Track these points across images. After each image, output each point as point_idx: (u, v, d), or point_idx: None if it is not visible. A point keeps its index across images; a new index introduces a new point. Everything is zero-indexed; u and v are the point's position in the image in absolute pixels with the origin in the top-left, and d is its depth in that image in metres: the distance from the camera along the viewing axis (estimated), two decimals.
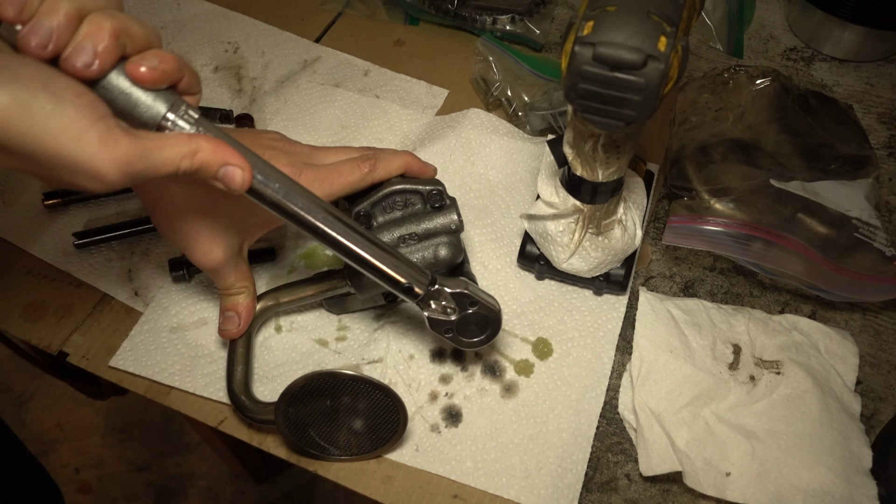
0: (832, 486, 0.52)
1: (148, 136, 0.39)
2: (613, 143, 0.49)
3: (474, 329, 0.53)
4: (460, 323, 0.52)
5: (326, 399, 0.51)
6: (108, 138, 0.36)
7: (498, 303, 0.53)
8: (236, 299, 0.56)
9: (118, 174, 0.37)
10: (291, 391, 0.50)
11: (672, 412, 0.55)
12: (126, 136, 0.37)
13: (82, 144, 0.35)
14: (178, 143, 0.39)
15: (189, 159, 0.40)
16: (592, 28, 0.40)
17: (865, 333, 0.62)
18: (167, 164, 0.39)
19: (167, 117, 0.40)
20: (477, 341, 0.53)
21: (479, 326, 0.52)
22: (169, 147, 0.39)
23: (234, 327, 0.56)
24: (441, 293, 0.51)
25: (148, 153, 0.38)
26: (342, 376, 0.50)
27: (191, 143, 0.40)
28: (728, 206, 0.62)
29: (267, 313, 0.58)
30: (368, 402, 0.51)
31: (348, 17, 0.85)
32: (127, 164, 0.37)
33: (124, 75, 0.39)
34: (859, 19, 0.76)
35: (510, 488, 0.53)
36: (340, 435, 0.53)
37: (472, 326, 0.52)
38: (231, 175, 0.41)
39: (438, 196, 0.55)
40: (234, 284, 0.55)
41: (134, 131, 0.38)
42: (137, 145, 0.37)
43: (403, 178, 0.56)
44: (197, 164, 0.40)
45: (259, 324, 0.59)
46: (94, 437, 1.53)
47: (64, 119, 0.35)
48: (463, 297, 0.51)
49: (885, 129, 0.75)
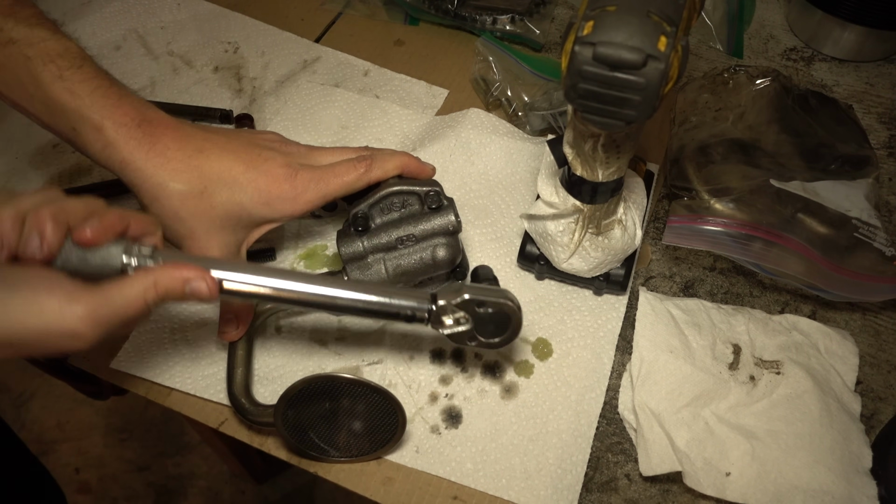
0: (832, 486, 0.52)
1: (107, 284, 0.42)
2: (613, 142, 0.49)
3: (494, 328, 0.51)
4: (478, 327, 0.51)
5: (325, 402, 0.51)
6: (69, 300, 0.40)
7: (507, 291, 0.51)
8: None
9: (90, 326, 0.40)
10: (290, 394, 0.50)
11: (672, 412, 0.55)
12: (85, 292, 0.40)
13: (46, 314, 0.39)
14: (136, 282, 0.42)
15: (152, 291, 0.43)
16: (592, 28, 0.40)
17: (865, 333, 0.62)
18: (133, 303, 0.42)
19: (125, 262, 0.44)
20: (504, 338, 0.52)
21: (497, 324, 0.51)
22: (127, 287, 0.42)
23: (234, 329, 0.56)
24: (447, 308, 0.50)
25: (110, 299, 0.41)
26: (340, 379, 0.50)
27: (147, 277, 0.43)
28: (728, 206, 0.62)
29: (266, 314, 0.58)
30: (367, 405, 0.51)
31: (348, 17, 0.85)
32: (93, 313, 0.40)
33: (76, 245, 0.43)
34: (859, 19, 0.75)
35: (510, 489, 0.53)
36: (340, 437, 0.53)
37: (492, 326, 0.51)
38: (197, 289, 0.44)
39: (436, 197, 0.55)
40: None
41: (93, 285, 0.41)
42: (97, 295, 0.41)
43: (401, 178, 0.56)
44: (161, 291, 0.43)
45: (259, 325, 0.59)
46: (94, 437, 1.53)
47: (31, 299, 0.39)
48: (468, 304, 0.50)
49: (885, 129, 0.75)
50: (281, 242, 0.65)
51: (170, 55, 0.80)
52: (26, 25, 0.50)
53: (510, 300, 0.50)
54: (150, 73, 0.78)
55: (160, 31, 0.82)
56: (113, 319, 0.41)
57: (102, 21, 0.82)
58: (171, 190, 0.50)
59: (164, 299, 0.43)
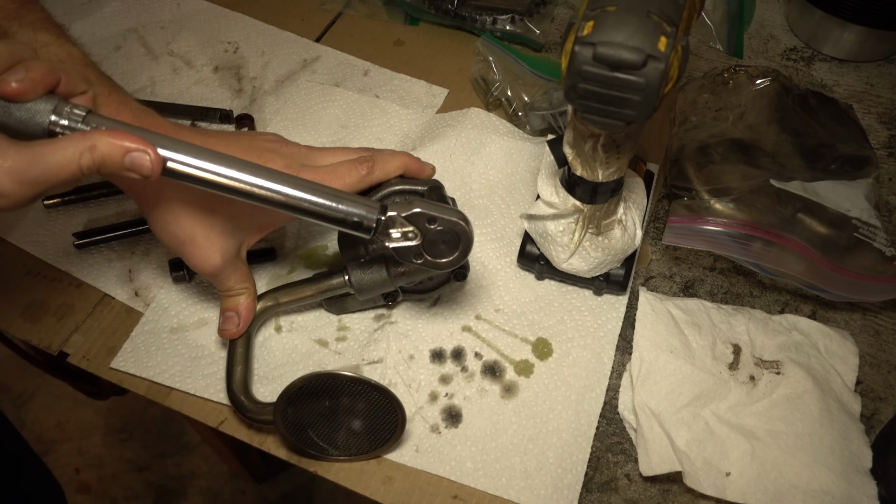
0: (832, 486, 0.52)
1: (39, 143, 0.39)
2: (613, 142, 0.49)
3: (445, 247, 0.49)
4: (427, 245, 0.49)
5: (325, 400, 0.51)
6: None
7: (461, 213, 0.49)
8: (237, 300, 0.56)
9: (16, 184, 0.38)
10: (290, 392, 0.50)
11: (672, 412, 0.55)
12: (13, 147, 0.38)
13: None
14: (72, 143, 0.40)
15: (88, 155, 0.40)
16: (592, 28, 0.40)
17: (865, 333, 0.62)
18: (66, 166, 0.39)
19: (54, 121, 0.41)
20: (453, 259, 0.50)
21: (448, 243, 0.49)
22: (62, 149, 0.39)
23: (234, 327, 0.56)
24: (396, 220, 0.48)
25: (40, 158, 0.39)
26: (340, 377, 0.50)
27: (84, 139, 0.40)
28: (728, 206, 0.62)
29: (267, 313, 0.58)
30: (367, 403, 0.51)
31: (348, 17, 0.85)
32: (20, 172, 0.38)
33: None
34: (859, 19, 0.75)
35: (510, 489, 0.53)
36: (339, 435, 0.53)
37: (442, 245, 0.49)
38: (139, 161, 0.41)
39: (437, 196, 0.55)
40: (234, 286, 0.55)
41: (24, 143, 0.39)
42: (26, 153, 0.38)
43: (402, 178, 0.56)
44: (98, 158, 0.40)
45: (259, 324, 0.59)
46: (94, 437, 1.53)
47: None
48: (418, 217, 0.48)
49: (885, 129, 0.75)
50: (282, 242, 0.65)
51: (170, 55, 0.80)
52: (31, 29, 0.49)
53: (461, 219, 0.49)
54: (149, 73, 0.78)
55: (160, 31, 0.82)
56: (41, 181, 0.39)
57: (102, 21, 0.82)
58: (170, 194, 0.50)
59: (99, 167, 0.41)
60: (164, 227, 0.51)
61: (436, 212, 0.48)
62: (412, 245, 0.49)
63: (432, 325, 0.60)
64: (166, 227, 0.51)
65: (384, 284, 0.55)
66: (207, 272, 0.53)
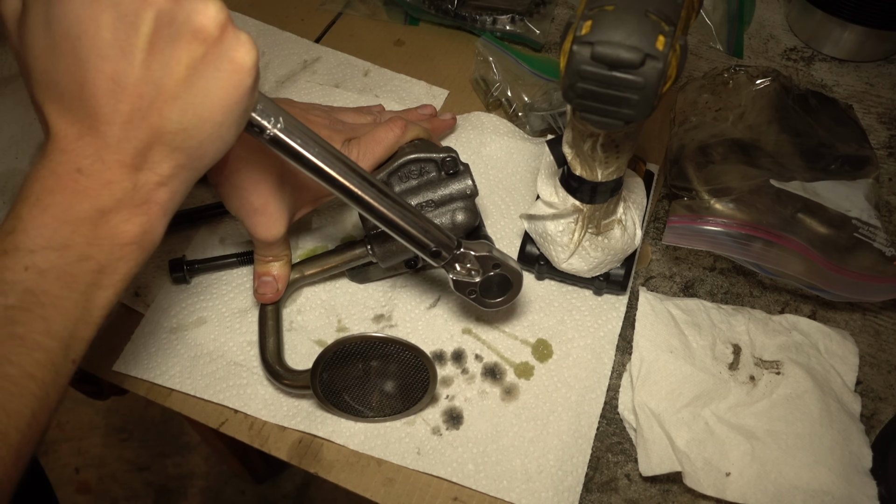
0: (832, 486, 0.52)
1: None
2: (612, 142, 0.49)
3: (496, 290, 0.55)
4: (483, 284, 0.54)
5: (358, 363, 0.52)
6: None
7: (519, 264, 0.54)
8: (275, 265, 0.57)
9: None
10: (325, 357, 0.51)
11: (672, 412, 0.55)
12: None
13: None
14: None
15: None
16: (591, 27, 0.40)
17: (865, 333, 0.62)
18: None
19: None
20: (499, 301, 0.55)
21: (500, 288, 0.54)
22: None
23: (272, 292, 0.57)
24: (466, 256, 0.52)
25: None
26: (372, 339, 0.51)
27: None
28: (728, 206, 0.62)
29: (294, 285, 0.60)
30: (398, 364, 0.52)
31: (348, 17, 0.84)
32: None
33: None
34: (859, 19, 0.75)
35: (511, 491, 0.53)
36: (373, 397, 0.54)
37: (494, 288, 0.54)
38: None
39: (452, 163, 0.56)
40: (278, 253, 0.57)
41: None
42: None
43: (416, 146, 0.57)
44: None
45: (287, 297, 0.60)
46: (94, 437, 1.53)
47: None
48: (487, 260, 0.53)
49: (885, 129, 0.75)
50: None
51: None
52: None
53: (521, 272, 0.54)
54: None
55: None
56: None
57: None
58: (254, 164, 0.51)
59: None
60: (240, 194, 0.52)
61: (504, 259, 0.53)
62: (471, 281, 0.53)
63: (433, 327, 0.60)
64: (242, 194, 0.52)
65: (406, 250, 0.56)
66: (269, 240, 0.55)
